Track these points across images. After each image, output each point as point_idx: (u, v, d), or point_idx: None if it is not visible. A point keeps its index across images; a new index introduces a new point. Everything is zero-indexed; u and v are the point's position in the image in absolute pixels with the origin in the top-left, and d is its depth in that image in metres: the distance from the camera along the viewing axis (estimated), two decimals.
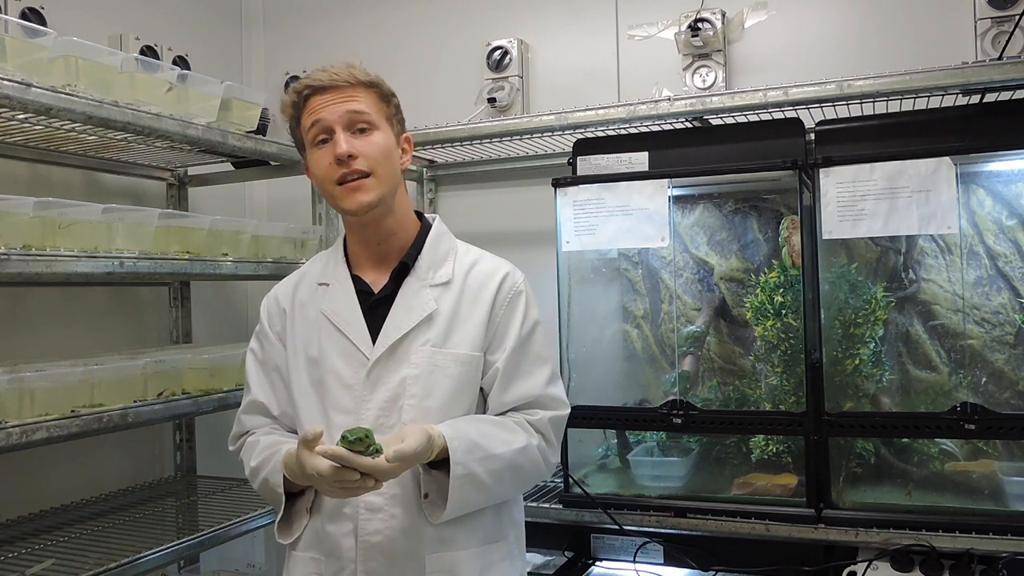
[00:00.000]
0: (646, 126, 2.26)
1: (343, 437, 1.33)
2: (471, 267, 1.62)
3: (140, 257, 2.06)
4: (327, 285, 1.62)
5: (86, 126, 2.03)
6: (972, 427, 1.83)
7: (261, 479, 1.56)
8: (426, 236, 1.63)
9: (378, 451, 1.33)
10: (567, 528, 2.19)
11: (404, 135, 1.63)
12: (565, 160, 2.40)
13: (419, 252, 1.60)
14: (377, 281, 1.60)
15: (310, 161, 1.56)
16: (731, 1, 2.49)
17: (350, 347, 1.55)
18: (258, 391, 1.66)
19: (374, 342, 1.54)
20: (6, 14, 2.13)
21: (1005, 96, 2.01)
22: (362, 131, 1.52)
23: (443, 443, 1.42)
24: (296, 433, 1.62)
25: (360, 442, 1.32)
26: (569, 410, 1.65)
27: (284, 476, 1.49)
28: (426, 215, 1.69)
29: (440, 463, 1.45)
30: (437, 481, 1.48)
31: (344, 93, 1.52)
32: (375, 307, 1.57)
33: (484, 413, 1.60)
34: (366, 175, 1.50)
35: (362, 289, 1.59)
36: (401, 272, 1.58)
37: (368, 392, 1.52)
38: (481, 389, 1.59)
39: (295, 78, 3.03)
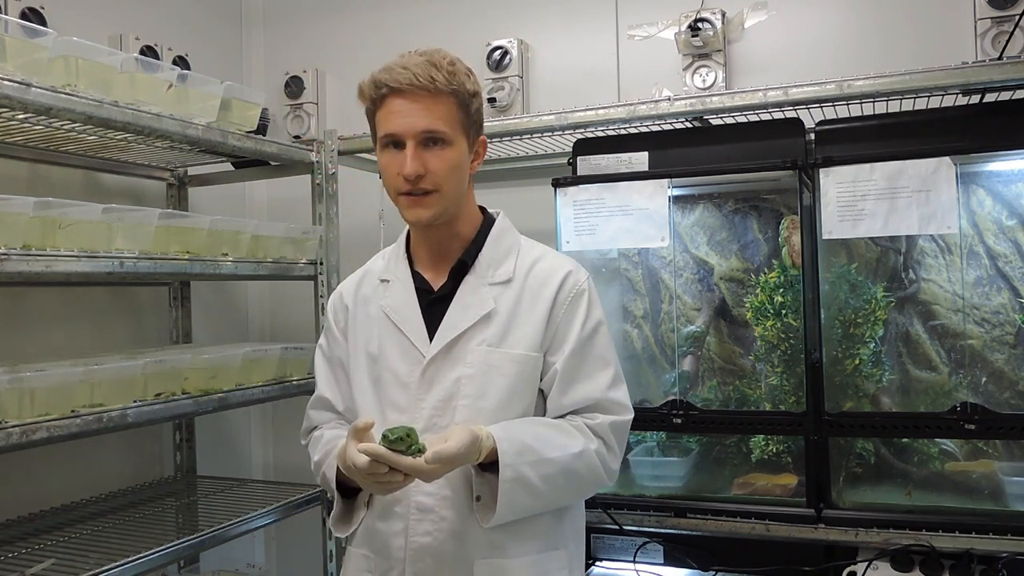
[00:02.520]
0: (646, 126, 2.26)
1: (384, 436, 1.33)
2: (533, 265, 1.59)
3: (140, 257, 2.06)
4: (388, 282, 1.63)
5: (86, 126, 2.03)
6: (972, 427, 1.83)
7: (321, 474, 1.59)
8: (487, 233, 1.61)
9: (420, 451, 1.32)
10: None
11: (480, 138, 1.59)
12: (565, 160, 2.40)
13: (479, 249, 1.58)
14: (437, 278, 1.59)
15: (380, 160, 1.54)
16: (731, 1, 2.49)
17: (408, 344, 1.55)
18: (324, 387, 1.68)
19: (431, 340, 1.53)
20: (6, 14, 2.13)
21: (1005, 96, 2.01)
22: (434, 142, 1.48)
23: (492, 444, 1.39)
24: None
25: (401, 441, 1.32)
26: (632, 415, 1.58)
27: (339, 471, 1.49)
28: (491, 211, 1.67)
29: (492, 465, 1.42)
30: (489, 484, 1.44)
31: (422, 102, 1.46)
32: (434, 305, 1.56)
33: (543, 415, 1.56)
34: (430, 192, 1.49)
35: (422, 287, 1.59)
36: (460, 270, 1.57)
37: (423, 391, 1.52)
38: (541, 391, 1.56)
39: (295, 78, 3.03)
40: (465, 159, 1.54)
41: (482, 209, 1.66)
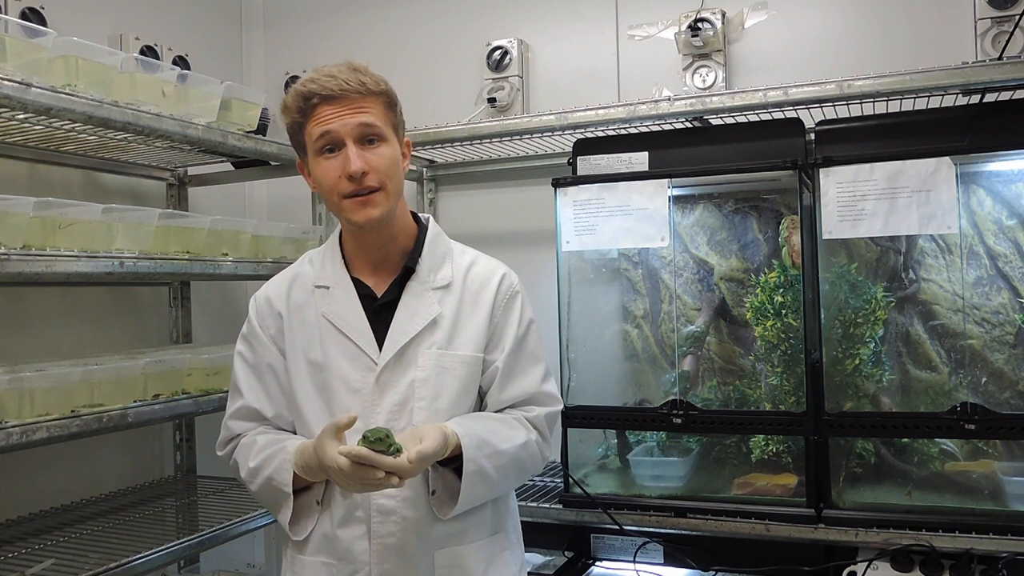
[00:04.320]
0: (646, 126, 2.26)
1: (364, 437, 1.34)
2: (468, 269, 1.64)
3: (140, 257, 2.06)
4: (327, 288, 1.60)
5: (86, 126, 2.03)
6: (972, 427, 1.83)
7: (263, 478, 1.54)
8: (424, 238, 1.63)
9: (398, 450, 1.35)
10: (567, 528, 2.19)
11: (405, 139, 1.62)
12: (565, 160, 2.40)
13: (419, 255, 1.60)
14: (378, 284, 1.60)
15: (315, 170, 1.53)
16: (731, 1, 2.49)
17: (357, 352, 1.54)
18: (249, 396, 1.63)
19: (380, 347, 1.54)
20: (6, 14, 2.13)
21: (1005, 96, 2.01)
22: (371, 142, 1.50)
23: (456, 440, 1.45)
24: (293, 432, 1.62)
25: (381, 442, 1.34)
26: (562, 406, 1.68)
27: (294, 474, 1.50)
28: (420, 215, 1.69)
29: (446, 460, 1.47)
30: (444, 478, 1.51)
31: (354, 104, 1.49)
32: (379, 311, 1.57)
33: (482, 411, 1.62)
34: (376, 190, 1.50)
35: (364, 293, 1.59)
36: (404, 275, 1.59)
37: (377, 397, 1.53)
38: (479, 387, 1.61)
39: (295, 78, 3.03)
40: (399, 156, 1.57)
41: (413, 215, 1.67)
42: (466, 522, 1.54)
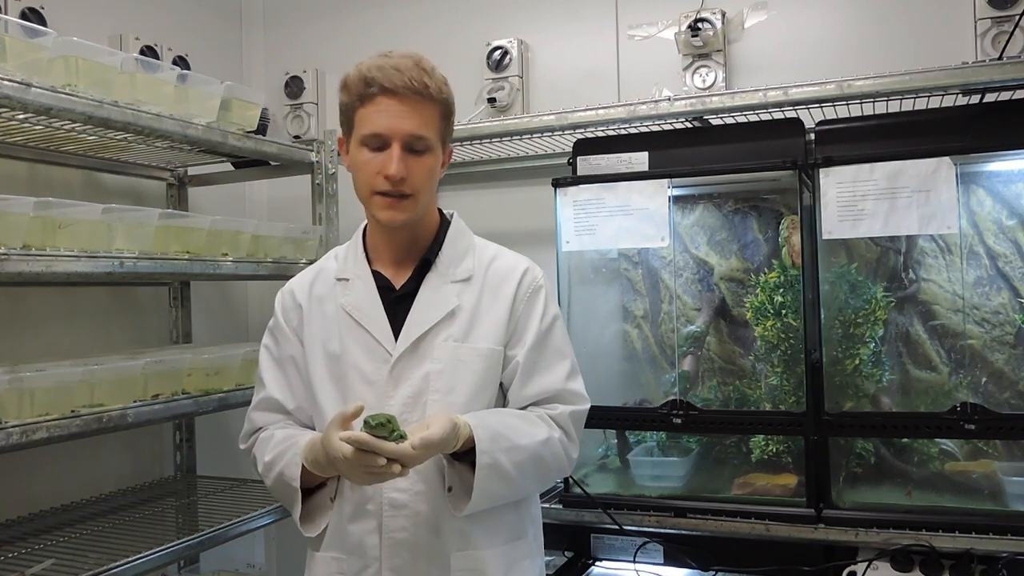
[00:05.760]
0: (646, 126, 2.26)
1: (366, 423, 1.33)
2: (491, 263, 1.63)
3: (140, 257, 2.06)
4: (347, 280, 1.61)
5: (86, 126, 2.03)
6: (972, 427, 1.83)
7: (276, 473, 1.54)
8: (446, 232, 1.63)
9: (402, 437, 1.33)
10: (567, 528, 2.19)
11: (449, 148, 1.61)
12: (565, 160, 2.40)
13: (439, 248, 1.60)
14: (398, 277, 1.60)
15: (356, 157, 1.52)
16: (731, 1, 2.49)
17: (372, 343, 1.54)
18: (272, 387, 1.65)
19: (396, 338, 1.54)
20: (6, 14, 2.13)
21: (1005, 96, 2.01)
22: (415, 151, 1.50)
23: (468, 432, 1.42)
24: (312, 428, 1.62)
25: (383, 427, 1.32)
26: (589, 405, 1.63)
27: (303, 468, 1.49)
28: (444, 211, 1.68)
29: (463, 455, 1.45)
30: (460, 474, 1.48)
31: (412, 106, 1.47)
32: (397, 303, 1.57)
33: (504, 408, 1.60)
34: (407, 196, 1.50)
35: (383, 285, 1.59)
36: (423, 268, 1.59)
37: (391, 388, 1.52)
38: (500, 384, 1.59)
39: (295, 78, 3.03)
40: (439, 165, 1.57)
41: (438, 210, 1.68)
42: (483, 526, 1.51)
